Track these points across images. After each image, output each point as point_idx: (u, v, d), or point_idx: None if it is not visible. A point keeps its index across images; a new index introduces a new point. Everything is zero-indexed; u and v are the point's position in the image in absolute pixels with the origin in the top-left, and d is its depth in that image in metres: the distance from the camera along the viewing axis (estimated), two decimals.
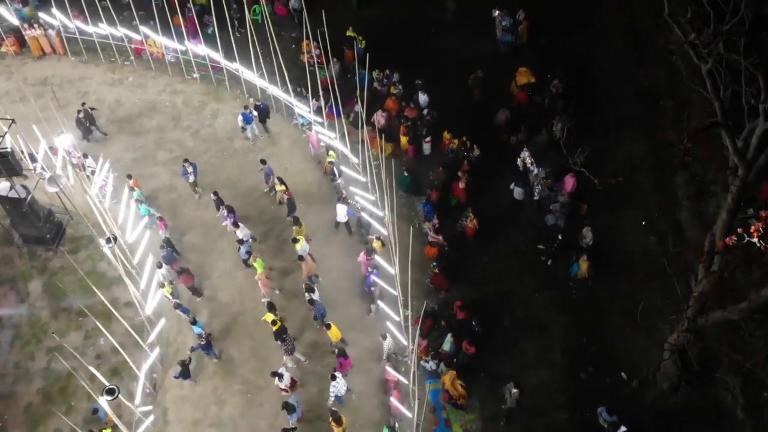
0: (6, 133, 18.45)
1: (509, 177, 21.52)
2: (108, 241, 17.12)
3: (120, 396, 15.70)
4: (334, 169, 22.04)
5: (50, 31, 25.70)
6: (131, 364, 17.20)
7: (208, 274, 20.66)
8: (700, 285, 13.74)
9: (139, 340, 17.82)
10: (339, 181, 21.78)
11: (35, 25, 25.55)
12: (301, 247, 19.74)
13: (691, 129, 14.91)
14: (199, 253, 21.10)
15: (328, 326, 18.12)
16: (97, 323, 17.05)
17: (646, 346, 17.93)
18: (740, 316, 12.88)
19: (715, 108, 12.46)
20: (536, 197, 20.95)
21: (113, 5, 24.93)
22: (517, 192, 21.25)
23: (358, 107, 23.39)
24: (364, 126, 20.65)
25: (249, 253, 19.93)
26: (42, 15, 25.40)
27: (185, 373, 18.13)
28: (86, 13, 24.90)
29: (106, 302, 17.40)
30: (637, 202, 20.47)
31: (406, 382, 17.34)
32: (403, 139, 22.56)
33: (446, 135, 22.64)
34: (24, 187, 19.73)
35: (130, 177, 21.33)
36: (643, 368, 17.37)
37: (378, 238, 20.15)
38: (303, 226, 20.45)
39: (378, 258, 19.20)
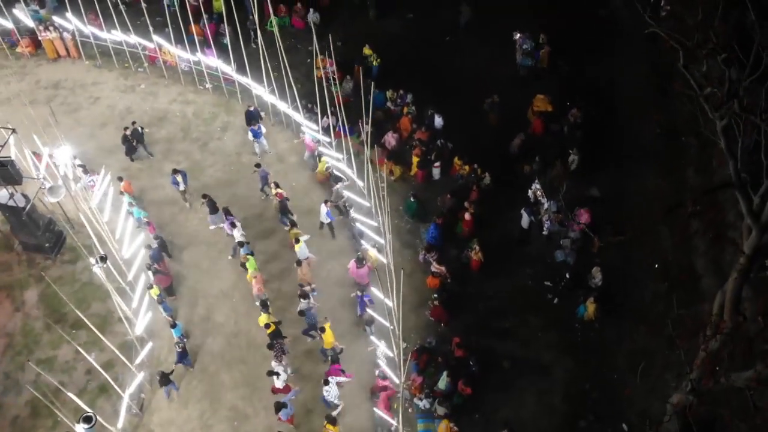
0: (6, 142, 18.16)
1: (520, 208, 20.80)
2: (98, 260, 16.74)
3: (99, 421, 15.31)
4: (334, 172, 21.80)
5: (65, 34, 25.54)
6: (115, 386, 16.76)
7: (205, 292, 20.23)
8: (702, 353, 12.97)
9: (126, 362, 17.42)
10: (338, 186, 21.42)
11: (50, 28, 25.40)
12: (300, 249, 19.52)
13: (699, 191, 14.12)
14: (198, 270, 20.70)
15: (322, 329, 17.83)
16: (81, 349, 16.64)
17: (651, 397, 17.10)
18: (745, 384, 12.07)
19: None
20: (545, 232, 20.20)
21: (130, 10, 24.71)
22: (525, 219, 20.55)
23: (367, 127, 22.92)
24: (369, 147, 20.02)
25: (251, 254, 19.64)
26: (56, 18, 25.21)
27: (165, 381, 17.76)
28: (100, 18, 24.67)
29: (89, 321, 16.99)
30: (651, 243, 19.60)
31: (397, 388, 16.90)
32: (415, 160, 21.94)
33: (457, 161, 22.01)
34: (24, 195, 19.50)
35: (121, 179, 21.13)
36: (645, 422, 16.54)
37: (374, 246, 19.75)
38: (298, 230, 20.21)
39: (374, 290, 18.62)
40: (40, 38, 25.70)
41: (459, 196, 21.17)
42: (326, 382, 16.99)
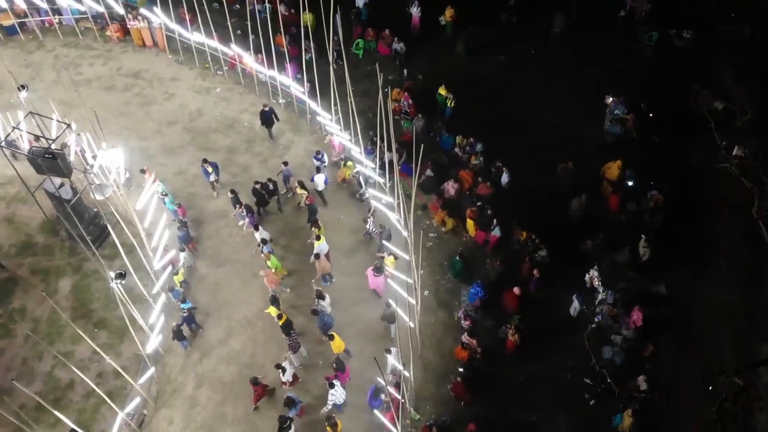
0: (58, 137, 18.18)
1: (573, 291, 19.10)
2: (117, 276, 16.41)
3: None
4: (360, 179, 21.52)
5: (153, 25, 25.66)
6: (111, 404, 16.37)
7: (229, 314, 19.70)
8: None
9: (129, 380, 17.03)
10: (366, 194, 21.30)
11: (139, 17, 25.61)
12: (320, 246, 19.46)
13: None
14: (228, 290, 20.20)
15: (331, 337, 17.72)
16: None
17: None
18: None
19: None
20: (593, 325, 18.39)
21: (222, 9, 24.52)
22: (575, 306, 18.86)
23: (429, 171, 21.77)
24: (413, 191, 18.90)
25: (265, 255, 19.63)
26: (144, 11, 25.36)
27: (180, 336, 18.53)
28: (191, 14, 24.64)
29: (114, 323, 16.70)
30: (711, 365, 17.49)
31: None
32: (469, 223, 20.55)
33: (516, 225, 20.40)
34: (73, 189, 19.55)
35: (143, 171, 21.09)
36: None
37: (389, 255, 19.31)
38: (322, 227, 20.21)
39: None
40: (128, 26, 25.99)
41: (510, 264, 19.67)
42: (331, 385, 16.88)
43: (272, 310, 18.37)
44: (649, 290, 19.23)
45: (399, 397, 16.20)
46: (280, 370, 17.44)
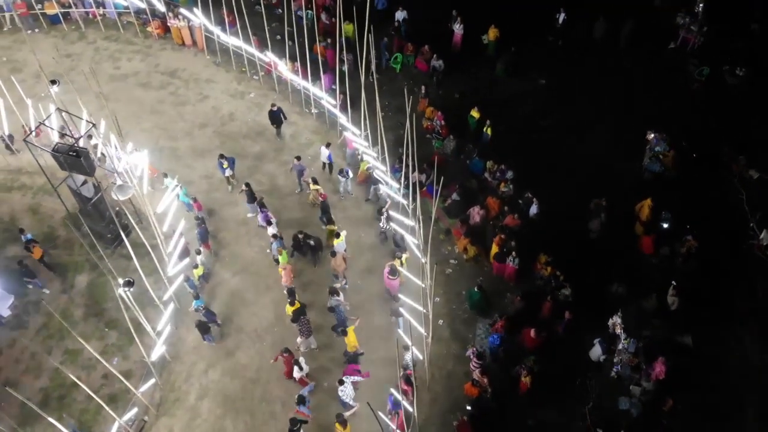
0: (82, 136, 18.12)
1: (595, 334, 18.27)
2: (126, 284, 16.24)
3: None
4: (374, 175, 21.24)
5: (194, 24, 25.58)
6: (109, 410, 16.17)
7: (239, 326, 19.40)
8: None
9: (131, 387, 16.85)
10: (380, 192, 21.07)
11: (179, 16, 25.57)
12: (338, 244, 19.46)
13: None
14: (240, 300, 19.92)
15: (345, 332, 17.65)
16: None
17: None
18: None
19: None
20: (612, 374, 17.55)
21: (266, 12, 24.28)
22: (597, 351, 18.03)
23: (455, 195, 21.15)
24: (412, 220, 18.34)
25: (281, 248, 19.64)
26: (183, 11, 25.30)
27: (205, 329, 18.56)
28: (221, 17, 24.50)
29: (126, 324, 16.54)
30: (731, 419, 16.54)
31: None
32: (494, 249, 19.87)
33: (542, 258, 19.66)
34: (96, 187, 19.51)
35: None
36: None
37: (399, 257, 19.14)
38: (335, 226, 20.26)
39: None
40: (168, 24, 26.00)
41: (531, 301, 18.93)
42: (341, 382, 16.73)
43: (288, 309, 18.26)
44: (674, 341, 18.28)
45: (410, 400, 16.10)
46: (295, 366, 17.41)
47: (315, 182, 21.07)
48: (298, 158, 21.54)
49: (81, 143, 18.51)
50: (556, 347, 18.31)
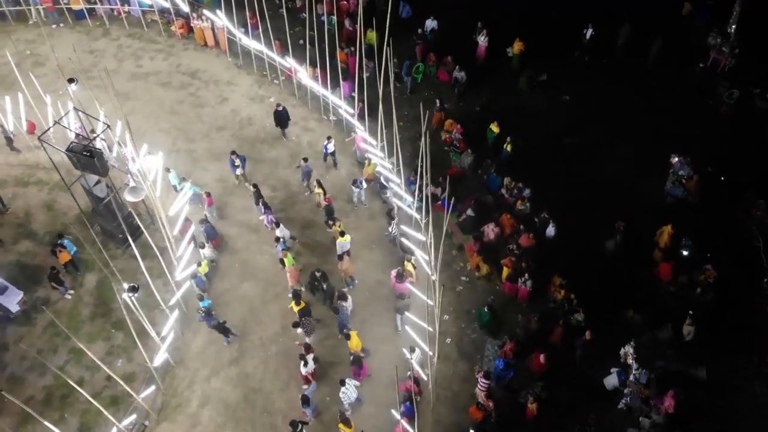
0: (96, 137, 18.06)
1: (606, 362, 17.81)
2: (130, 289, 16.14)
3: None
4: (381, 180, 21.23)
5: (217, 25, 25.49)
6: (109, 415, 16.07)
7: (244, 334, 19.23)
8: None
9: (131, 392, 16.75)
10: (387, 194, 21.14)
11: (202, 17, 25.52)
12: (343, 243, 19.54)
13: None
14: (247, 308, 19.76)
15: (348, 336, 17.76)
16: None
17: None
18: None
19: None
20: (621, 405, 17.07)
21: (289, 16, 24.17)
22: (611, 380, 17.55)
23: (470, 211, 20.78)
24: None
25: (288, 249, 19.73)
26: (207, 12, 25.23)
27: (224, 330, 18.65)
28: (246, 19, 24.37)
29: (132, 326, 16.45)
30: None
31: None
32: (505, 271, 19.48)
33: (556, 280, 19.22)
34: (109, 187, 19.46)
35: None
36: None
37: (409, 261, 19.25)
38: (341, 224, 20.26)
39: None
40: (192, 24, 25.96)
41: (546, 323, 18.47)
42: (342, 383, 16.77)
43: (294, 307, 18.43)
44: (688, 373, 17.74)
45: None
46: (301, 362, 17.39)
47: (320, 185, 21.07)
48: (305, 160, 21.53)
49: (97, 142, 18.51)
50: (565, 373, 17.85)
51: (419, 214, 19.75)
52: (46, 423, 14.80)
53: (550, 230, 20.11)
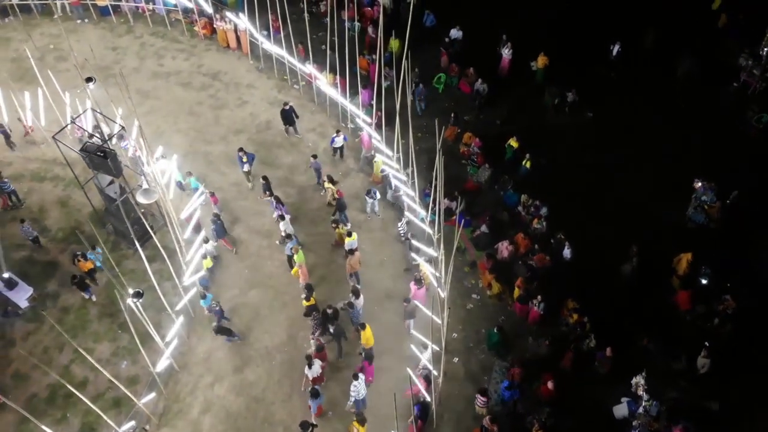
0: (112, 137, 18.00)
1: (618, 391, 17.34)
2: (135, 295, 16.02)
3: None
4: (391, 179, 21.11)
5: (240, 27, 25.39)
6: (109, 421, 16.00)
7: (251, 343, 19.03)
8: None
9: (133, 398, 16.62)
10: (399, 193, 20.88)
11: (225, 19, 25.43)
12: (351, 242, 19.47)
13: None
14: (255, 315, 19.55)
15: (363, 326, 17.59)
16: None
17: None
18: None
19: None
20: None
21: (313, 20, 23.98)
22: (621, 410, 17.08)
23: (485, 227, 20.41)
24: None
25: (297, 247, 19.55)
26: (229, 14, 25.14)
27: (227, 332, 18.53)
28: (279, 22, 24.18)
29: (139, 326, 16.34)
30: None
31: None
32: (516, 292, 19.08)
33: (569, 303, 18.76)
34: (122, 188, 19.41)
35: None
36: None
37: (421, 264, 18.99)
38: (345, 228, 20.23)
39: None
40: (214, 25, 25.90)
41: (557, 347, 18.07)
42: (355, 377, 16.71)
43: (303, 302, 18.50)
44: (701, 406, 17.21)
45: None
46: (306, 364, 17.21)
47: (331, 180, 21.03)
48: (315, 156, 21.55)
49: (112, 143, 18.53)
50: (574, 400, 17.41)
51: (432, 228, 19.45)
52: (43, 427, 14.61)
53: (566, 252, 19.67)
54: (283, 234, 20.25)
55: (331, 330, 18.13)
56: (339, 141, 22.46)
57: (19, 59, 25.34)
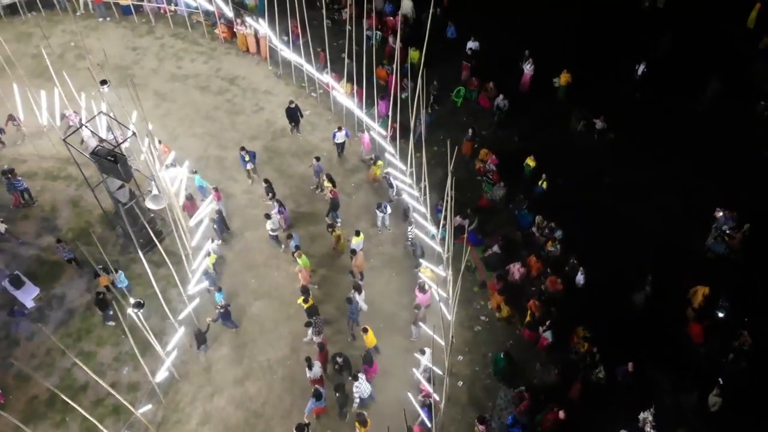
0: (122, 143, 17.85)
1: (625, 426, 16.77)
2: (136, 305, 15.86)
3: None
4: (391, 181, 21.12)
5: (260, 32, 25.19)
6: (104, 429, 15.84)
7: (252, 354, 18.81)
8: None
9: (130, 407, 16.42)
10: (401, 196, 20.91)
11: (245, 24, 25.26)
12: (357, 242, 19.67)
13: None
14: (258, 327, 19.34)
15: (365, 330, 17.73)
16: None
17: None
18: None
19: None
20: None
21: (334, 27, 23.68)
22: None
23: (497, 247, 20.00)
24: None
25: (298, 247, 19.57)
26: (249, 20, 24.96)
27: (201, 340, 18.38)
28: (291, 29, 24.00)
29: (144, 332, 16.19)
30: None
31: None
32: (528, 317, 18.61)
33: (580, 331, 18.28)
34: (132, 193, 19.29)
35: (160, 142, 21.39)
36: None
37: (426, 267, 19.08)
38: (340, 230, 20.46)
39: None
40: (235, 30, 25.75)
41: (568, 376, 17.57)
42: (355, 377, 16.86)
43: (302, 302, 18.62)
44: None
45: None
46: (307, 366, 17.24)
47: (330, 179, 20.99)
48: (318, 158, 21.48)
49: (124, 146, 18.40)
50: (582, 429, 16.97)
51: (442, 246, 19.08)
52: None
53: (579, 278, 19.16)
54: (270, 233, 20.35)
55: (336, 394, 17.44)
56: (340, 137, 22.38)
57: (39, 55, 25.32)
